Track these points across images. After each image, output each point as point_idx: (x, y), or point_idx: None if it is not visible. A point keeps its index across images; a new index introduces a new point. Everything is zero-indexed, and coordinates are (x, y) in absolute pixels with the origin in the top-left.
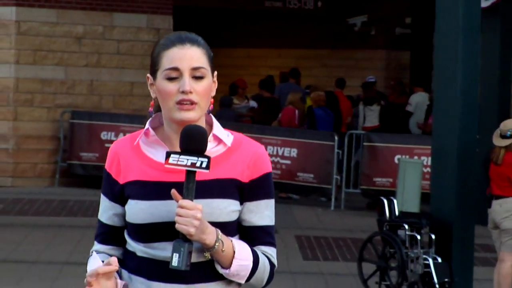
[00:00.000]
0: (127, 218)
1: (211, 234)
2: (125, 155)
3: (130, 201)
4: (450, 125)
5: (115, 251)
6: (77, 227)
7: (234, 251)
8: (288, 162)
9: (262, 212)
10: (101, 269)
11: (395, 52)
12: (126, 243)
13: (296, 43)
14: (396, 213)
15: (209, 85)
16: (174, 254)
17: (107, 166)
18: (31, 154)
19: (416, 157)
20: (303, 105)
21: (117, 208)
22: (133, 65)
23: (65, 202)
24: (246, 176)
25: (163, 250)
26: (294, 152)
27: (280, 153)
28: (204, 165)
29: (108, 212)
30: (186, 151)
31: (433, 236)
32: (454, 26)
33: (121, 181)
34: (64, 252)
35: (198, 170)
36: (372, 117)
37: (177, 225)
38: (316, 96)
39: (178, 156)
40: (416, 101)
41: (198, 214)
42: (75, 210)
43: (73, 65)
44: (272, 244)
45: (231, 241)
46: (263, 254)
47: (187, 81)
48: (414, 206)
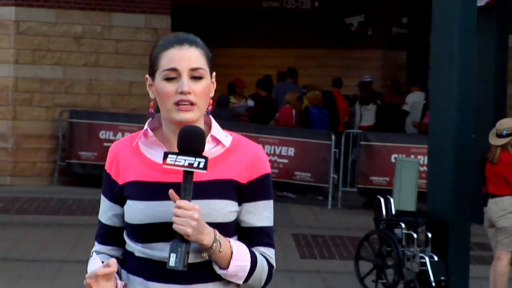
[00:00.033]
0: (125, 218)
1: (208, 235)
2: (124, 156)
3: (129, 202)
4: (446, 124)
5: (115, 252)
6: (76, 225)
7: (232, 252)
8: (285, 161)
9: (260, 213)
10: (100, 271)
11: (392, 51)
12: (126, 243)
13: (293, 42)
14: (393, 211)
15: (207, 85)
16: (172, 254)
17: (107, 167)
18: (30, 153)
19: (412, 156)
20: (300, 105)
21: (116, 209)
22: (132, 65)
23: (64, 200)
24: (244, 177)
25: (161, 251)
26: (291, 151)
27: (277, 152)
28: (201, 165)
29: (108, 212)
30: (184, 152)
31: (430, 235)
32: (450, 26)
33: (121, 181)
34: (63, 251)
35: (195, 170)
36: (368, 116)
37: (174, 226)
38: (312, 95)
39: (175, 156)
40: (413, 100)
41: (195, 214)
42: (74, 209)
43: (71, 65)
44: (271, 245)
45: (229, 241)
46: (261, 255)
47: (186, 82)
48: (410, 205)
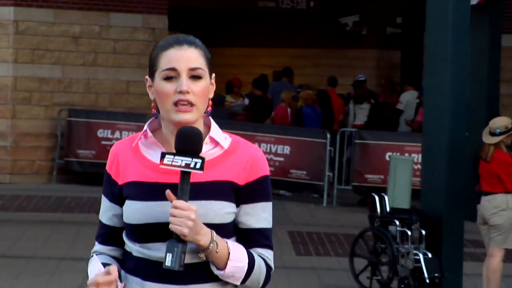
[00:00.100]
0: (124, 218)
1: (205, 235)
2: (124, 156)
3: (127, 202)
4: (440, 123)
5: (115, 252)
6: (74, 223)
7: (229, 253)
8: (281, 159)
9: (258, 215)
10: (101, 279)
11: (386, 51)
12: (125, 244)
13: (289, 42)
14: (387, 209)
15: (206, 86)
16: (168, 254)
17: (107, 167)
18: (29, 152)
19: (406, 154)
20: (295, 104)
21: (116, 209)
22: (129, 64)
23: (63, 198)
24: (243, 178)
25: (157, 251)
26: (287, 150)
27: (273, 150)
28: (198, 166)
29: (108, 213)
30: (181, 152)
31: (424, 232)
32: (444, 26)
33: (120, 182)
34: (61, 248)
35: (192, 171)
36: (361, 115)
37: (171, 226)
38: (305, 94)
39: (172, 156)
40: (407, 99)
41: (192, 214)
42: (72, 207)
43: (70, 64)
44: (269, 247)
45: (226, 242)
46: (259, 256)
47: (184, 81)
48: (404, 202)
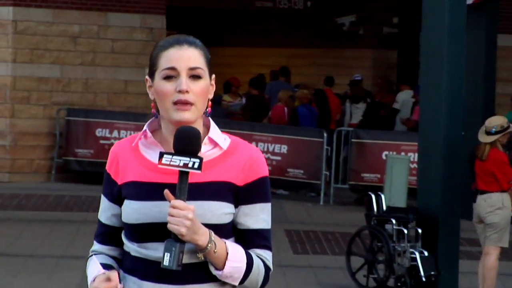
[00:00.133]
0: (122, 218)
1: (203, 235)
2: (124, 156)
3: (126, 201)
4: (436, 122)
5: (113, 252)
6: (72, 221)
7: (228, 253)
8: (278, 158)
9: (257, 216)
10: (102, 286)
11: (383, 51)
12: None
13: (286, 42)
14: (384, 208)
15: (206, 86)
16: (166, 253)
17: (107, 167)
18: (28, 151)
19: (403, 153)
20: (292, 103)
21: (115, 209)
22: (127, 64)
23: (61, 197)
24: (241, 179)
25: (155, 251)
26: (284, 149)
27: (270, 149)
28: (196, 165)
29: (107, 212)
30: (179, 152)
31: (420, 230)
32: (440, 26)
33: (120, 181)
34: (60, 246)
35: (190, 170)
36: (358, 114)
37: (168, 225)
38: (300, 94)
39: (171, 156)
40: (403, 98)
41: (189, 214)
42: (71, 205)
43: (68, 64)
44: (268, 248)
45: (225, 243)
46: (258, 257)
47: (184, 81)
48: (401, 201)
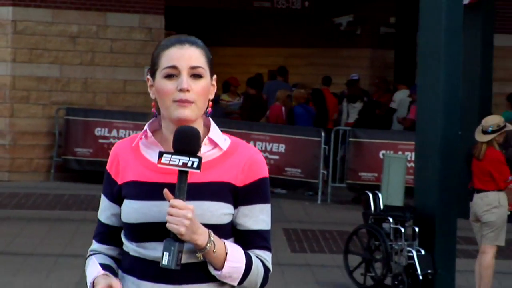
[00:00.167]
0: (121, 217)
1: (202, 235)
2: (124, 156)
3: (125, 201)
4: (433, 121)
5: (112, 251)
6: (71, 220)
7: (227, 253)
8: (276, 157)
9: (257, 217)
10: None
11: (380, 50)
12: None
13: (284, 42)
14: (381, 206)
15: (207, 85)
16: (165, 253)
17: (107, 167)
18: (27, 150)
19: (400, 153)
20: (290, 102)
21: (115, 208)
22: (126, 63)
23: (60, 196)
24: (240, 180)
25: (154, 250)
26: (282, 148)
27: (268, 148)
28: (195, 165)
29: (106, 212)
30: (179, 152)
31: (417, 229)
32: (437, 26)
33: (120, 181)
34: (59, 245)
35: (189, 170)
36: (354, 113)
37: (168, 224)
38: (297, 93)
39: (170, 156)
40: (400, 98)
41: (189, 214)
42: (70, 204)
43: (68, 63)
44: (267, 248)
45: (224, 243)
46: (257, 257)
47: (185, 79)
48: (398, 200)
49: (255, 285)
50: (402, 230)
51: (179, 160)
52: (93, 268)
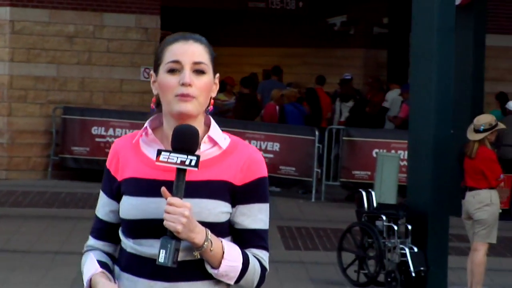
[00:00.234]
0: (120, 213)
1: (200, 234)
2: (124, 153)
3: (124, 197)
4: (425, 120)
5: (108, 248)
6: (69, 218)
7: (224, 252)
8: (270, 156)
9: (255, 216)
10: None
11: (373, 50)
12: (121, 240)
13: (278, 42)
14: (374, 204)
15: (209, 81)
16: (161, 250)
17: (107, 163)
18: (24, 148)
19: (393, 151)
20: (283, 101)
21: (114, 205)
22: (123, 63)
23: (57, 194)
24: (239, 179)
25: (150, 247)
26: (276, 146)
27: (263, 147)
28: (193, 163)
29: (105, 208)
30: (177, 150)
31: (410, 227)
32: (429, 26)
33: (119, 178)
34: (56, 242)
35: (187, 168)
36: (347, 113)
37: (165, 222)
38: (288, 92)
39: (168, 154)
40: (392, 97)
41: (186, 211)
42: (67, 202)
43: (65, 63)
44: (264, 248)
45: (221, 241)
46: (254, 257)
47: (188, 74)
48: (391, 198)
49: (251, 284)
50: (395, 227)
51: (177, 158)
52: (90, 265)
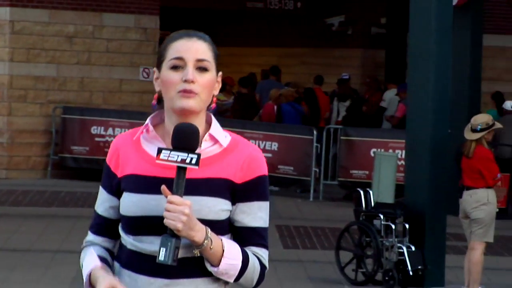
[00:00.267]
0: (120, 210)
1: (200, 232)
2: (125, 149)
3: (124, 194)
4: (423, 120)
5: (107, 243)
6: (68, 217)
7: (223, 250)
8: (269, 155)
9: (255, 214)
10: None
11: (371, 50)
12: (121, 236)
13: (276, 42)
14: (372, 203)
15: (212, 79)
16: (162, 248)
17: (107, 159)
18: (24, 148)
19: (391, 151)
20: (282, 101)
21: (113, 201)
22: (122, 63)
23: (57, 193)
24: (239, 177)
25: (151, 244)
26: (275, 146)
27: (261, 146)
28: (193, 161)
29: (105, 204)
30: (177, 148)
31: (407, 226)
32: (427, 26)
33: (119, 174)
34: (56, 241)
35: (187, 166)
36: (344, 112)
37: (165, 220)
38: (285, 91)
39: (169, 152)
40: (390, 97)
41: (186, 210)
42: (67, 201)
43: (64, 63)
44: (264, 246)
45: (221, 240)
46: (254, 255)
47: (191, 71)
48: (389, 197)
49: (251, 282)
50: (393, 226)
51: (178, 156)
52: (90, 259)
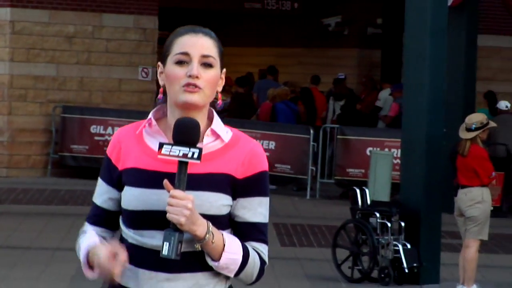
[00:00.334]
0: (121, 204)
1: (201, 226)
2: (127, 143)
3: (126, 187)
4: (418, 119)
5: (105, 234)
6: (68, 215)
7: (224, 244)
8: (266, 154)
9: (255, 209)
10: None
11: (367, 50)
12: (118, 228)
13: (274, 42)
14: (368, 202)
15: (216, 75)
16: (165, 243)
17: (108, 152)
18: (24, 146)
19: (386, 149)
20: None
21: (113, 193)
22: (121, 63)
23: (57, 191)
24: (240, 172)
25: (152, 238)
26: (272, 145)
27: None
28: (195, 155)
29: (104, 195)
30: (179, 143)
31: (403, 224)
32: (422, 27)
33: (120, 167)
34: (55, 239)
35: (189, 160)
36: (339, 111)
37: (168, 215)
38: (280, 91)
39: (170, 147)
40: (385, 97)
41: (189, 204)
42: (66, 199)
43: (64, 63)
44: (264, 241)
45: (222, 234)
46: (254, 250)
47: (196, 66)
48: (384, 195)
49: (251, 277)
50: (389, 224)
51: (179, 151)
52: (89, 239)
